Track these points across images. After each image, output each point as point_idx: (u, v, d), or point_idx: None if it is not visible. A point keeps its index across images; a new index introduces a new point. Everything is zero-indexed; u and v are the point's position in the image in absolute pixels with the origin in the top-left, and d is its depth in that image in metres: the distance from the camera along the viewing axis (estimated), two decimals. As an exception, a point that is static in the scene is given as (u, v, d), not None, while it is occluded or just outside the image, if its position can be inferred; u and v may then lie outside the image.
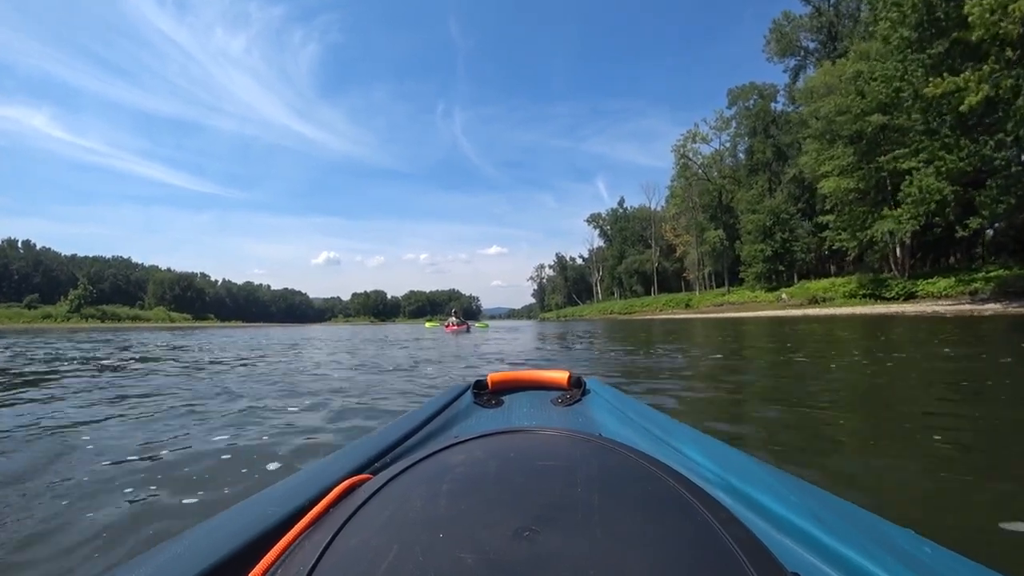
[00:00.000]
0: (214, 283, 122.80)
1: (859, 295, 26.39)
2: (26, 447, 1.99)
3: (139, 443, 2.03)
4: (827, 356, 5.07)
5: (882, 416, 2.47)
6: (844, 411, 2.55)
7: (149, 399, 3.19)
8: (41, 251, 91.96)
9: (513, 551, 0.33)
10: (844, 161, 24.67)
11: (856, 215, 25.10)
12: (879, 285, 25.65)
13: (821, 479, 1.49)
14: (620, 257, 68.02)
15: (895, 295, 24.18)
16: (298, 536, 0.40)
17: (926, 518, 1.22)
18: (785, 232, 38.32)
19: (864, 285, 26.69)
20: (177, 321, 73.89)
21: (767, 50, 39.30)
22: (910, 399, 2.85)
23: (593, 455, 0.48)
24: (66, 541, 1.14)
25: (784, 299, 34.08)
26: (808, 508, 0.46)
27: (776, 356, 5.45)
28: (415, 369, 4.95)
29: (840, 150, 24.98)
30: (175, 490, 1.47)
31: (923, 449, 1.79)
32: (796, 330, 10.42)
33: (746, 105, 44.13)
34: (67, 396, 3.34)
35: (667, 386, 3.37)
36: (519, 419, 0.85)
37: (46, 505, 1.37)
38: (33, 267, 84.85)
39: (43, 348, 9.09)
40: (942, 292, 22.13)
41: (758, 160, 42.96)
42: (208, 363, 5.88)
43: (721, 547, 0.34)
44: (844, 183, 24.40)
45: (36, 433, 2.23)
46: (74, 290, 59.78)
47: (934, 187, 18.37)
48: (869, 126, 23.19)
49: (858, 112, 23.22)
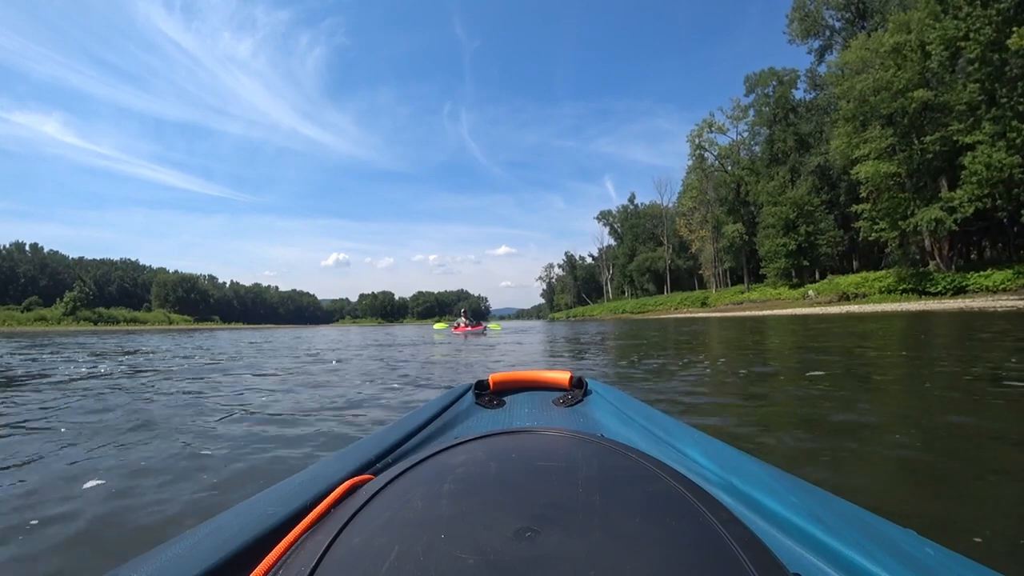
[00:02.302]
0: (221, 285, 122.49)
1: (899, 290, 24.09)
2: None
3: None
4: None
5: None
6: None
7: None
8: (48, 254, 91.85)
9: (515, 552, 0.33)
10: (883, 143, 22.40)
11: (896, 202, 22.80)
12: (922, 279, 23.33)
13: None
14: (631, 255, 65.85)
15: (942, 290, 21.89)
16: (300, 536, 0.40)
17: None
18: (809, 225, 35.99)
19: (904, 279, 24.35)
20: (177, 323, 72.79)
21: (789, 31, 36.94)
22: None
23: (595, 456, 0.49)
24: None
25: (811, 296, 31.78)
26: (810, 509, 0.46)
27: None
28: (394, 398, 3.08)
29: (878, 131, 22.71)
30: None
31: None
32: (869, 330, 8.39)
33: (765, 92, 41.78)
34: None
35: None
36: (520, 420, 0.84)
37: None
38: (39, 270, 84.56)
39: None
40: (998, 286, 19.83)
41: (779, 149, 40.61)
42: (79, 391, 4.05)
43: (723, 548, 0.34)
44: (883, 167, 22.11)
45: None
46: (70, 292, 58.50)
47: (1006, 163, 16.06)
48: (912, 103, 20.94)
49: (900, 87, 20.99)
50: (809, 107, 41.62)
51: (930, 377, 3.15)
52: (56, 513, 1.25)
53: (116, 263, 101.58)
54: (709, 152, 46.11)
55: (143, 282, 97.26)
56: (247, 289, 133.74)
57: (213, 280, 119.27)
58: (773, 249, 37.00)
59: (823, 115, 40.27)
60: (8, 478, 1.55)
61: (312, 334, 21.19)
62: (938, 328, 8.07)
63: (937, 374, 3.25)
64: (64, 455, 1.81)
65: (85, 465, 1.67)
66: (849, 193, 39.85)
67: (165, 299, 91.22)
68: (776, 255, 37.02)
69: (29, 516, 1.23)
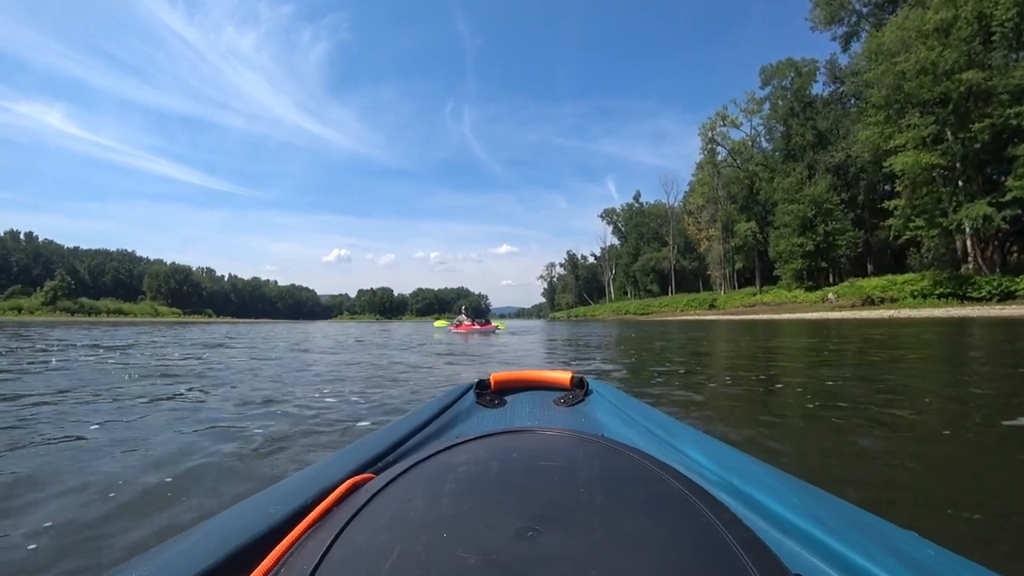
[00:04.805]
0: (219, 278, 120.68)
1: (935, 294, 21.95)
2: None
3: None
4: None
5: None
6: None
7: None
8: (43, 243, 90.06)
9: (516, 551, 0.33)
10: (923, 131, 20.24)
11: (937, 197, 20.64)
12: (962, 283, 21.19)
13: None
14: (635, 255, 63.71)
15: (986, 294, 19.76)
16: (301, 535, 0.40)
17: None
18: (828, 224, 33.83)
19: (940, 283, 22.21)
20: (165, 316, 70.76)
21: (811, 17, 34.62)
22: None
23: (595, 455, 0.49)
24: None
25: (831, 299, 29.62)
26: (811, 509, 0.45)
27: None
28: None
29: (917, 118, 20.56)
30: None
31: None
32: (967, 342, 6.33)
33: (782, 84, 39.59)
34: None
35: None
36: (521, 419, 0.83)
37: None
38: (33, 259, 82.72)
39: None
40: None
41: (796, 144, 38.43)
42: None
43: (724, 548, 0.34)
44: (924, 158, 19.94)
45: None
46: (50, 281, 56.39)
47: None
48: (959, 86, 18.80)
49: (946, 69, 18.84)
50: (827, 102, 39.46)
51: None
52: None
53: (112, 253, 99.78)
54: (722, 146, 43.95)
55: (139, 273, 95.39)
56: (245, 283, 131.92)
57: (211, 273, 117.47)
58: (789, 249, 34.84)
59: (841, 109, 38.28)
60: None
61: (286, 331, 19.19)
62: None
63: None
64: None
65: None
66: (869, 192, 37.83)
67: (157, 291, 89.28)
68: (792, 256, 34.86)
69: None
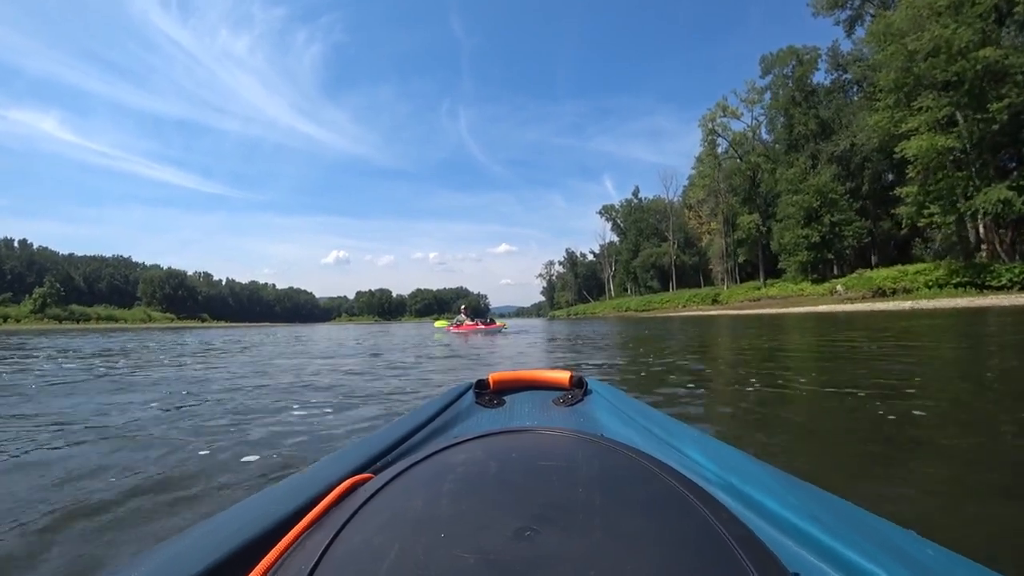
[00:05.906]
0: (216, 283, 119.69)
1: (950, 284, 21.07)
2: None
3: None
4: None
5: None
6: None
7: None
8: (37, 251, 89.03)
9: (515, 551, 0.33)
10: (938, 113, 19.33)
11: (953, 182, 19.74)
12: (979, 271, 20.31)
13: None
14: (635, 251, 62.83)
15: (1006, 283, 18.88)
16: (299, 535, 0.40)
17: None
18: (834, 215, 32.96)
19: (956, 272, 21.33)
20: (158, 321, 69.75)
21: (813, 2, 33.69)
22: None
23: (595, 455, 0.49)
24: None
25: (840, 291, 28.75)
26: (810, 509, 0.45)
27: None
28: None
29: (931, 100, 19.65)
30: None
31: None
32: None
33: (783, 72, 38.67)
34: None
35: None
36: (520, 419, 0.83)
37: None
38: (27, 266, 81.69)
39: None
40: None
41: (799, 134, 37.51)
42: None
43: (722, 547, 0.34)
44: (939, 141, 19.03)
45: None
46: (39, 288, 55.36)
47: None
48: (974, 64, 17.90)
49: (961, 47, 17.93)
50: (829, 90, 38.55)
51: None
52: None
53: (107, 260, 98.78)
54: (722, 137, 43.02)
55: (135, 279, 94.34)
56: (242, 287, 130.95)
57: (208, 277, 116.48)
58: (794, 241, 33.98)
59: (844, 96, 37.39)
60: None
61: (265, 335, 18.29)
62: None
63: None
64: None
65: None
66: (873, 181, 36.96)
67: (152, 296, 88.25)
68: (797, 248, 34.00)
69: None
